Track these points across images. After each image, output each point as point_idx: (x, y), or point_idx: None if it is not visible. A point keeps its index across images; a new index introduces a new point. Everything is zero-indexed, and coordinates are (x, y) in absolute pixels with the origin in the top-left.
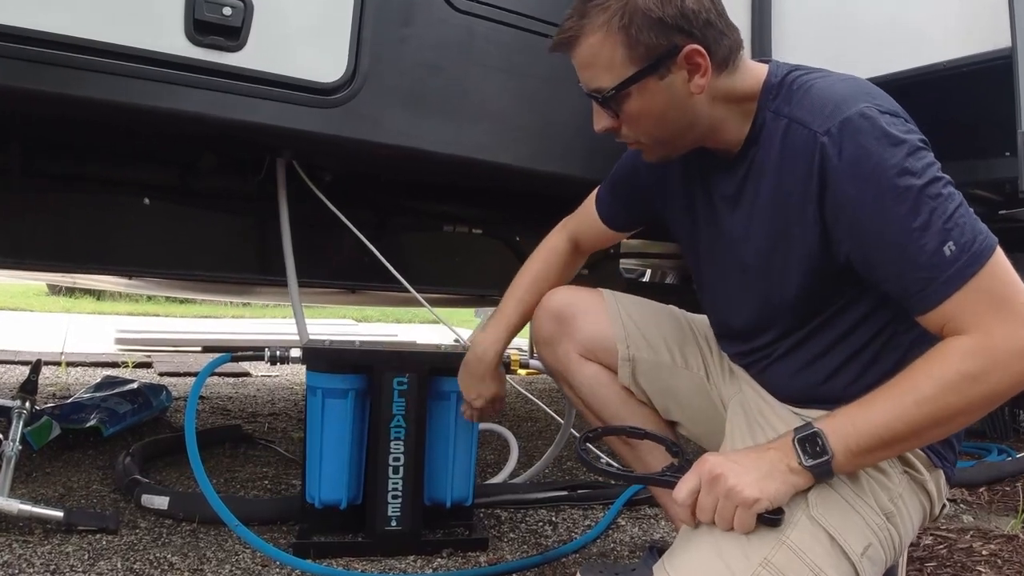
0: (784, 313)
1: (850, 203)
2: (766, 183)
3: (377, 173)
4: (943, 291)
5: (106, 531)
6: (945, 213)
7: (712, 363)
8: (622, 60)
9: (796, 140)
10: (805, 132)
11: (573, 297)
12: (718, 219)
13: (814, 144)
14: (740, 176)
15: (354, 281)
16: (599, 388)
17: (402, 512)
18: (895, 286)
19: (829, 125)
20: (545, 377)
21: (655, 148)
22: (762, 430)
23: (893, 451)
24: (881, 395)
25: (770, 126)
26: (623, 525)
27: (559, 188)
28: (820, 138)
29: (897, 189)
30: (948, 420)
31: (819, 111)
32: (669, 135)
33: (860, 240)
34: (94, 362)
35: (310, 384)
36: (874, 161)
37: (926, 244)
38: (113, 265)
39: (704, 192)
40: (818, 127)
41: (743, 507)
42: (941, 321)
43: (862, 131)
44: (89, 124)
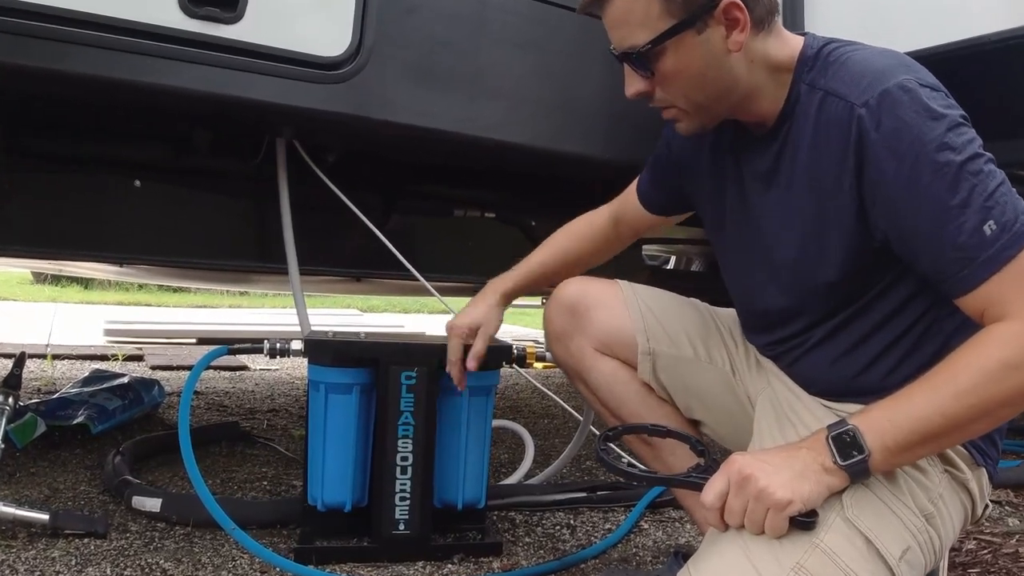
0: (818, 297)
1: (887, 178)
2: (800, 159)
3: (384, 154)
4: (981, 272)
5: (94, 535)
6: (986, 191)
7: (738, 357)
8: (658, 14)
9: (832, 113)
10: (842, 104)
11: (587, 288)
12: (749, 198)
13: (851, 117)
14: (773, 152)
15: (359, 268)
16: (616, 385)
17: (410, 515)
18: (931, 267)
19: (867, 97)
20: (562, 372)
21: (690, 115)
22: (793, 427)
23: (933, 447)
24: (918, 387)
25: (805, 99)
26: (646, 528)
27: (578, 169)
28: (857, 110)
29: (936, 164)
30: (990, 412)
31: (856, 83)
32: (705, 98)
33: (896, 217)
34: (82, 355)
35: (312, 378)
36: (913, 135)
37: (965, 222)
38: (102, 251)
39: (735, 171)
40: (855, 99)
41: (775, 509)
42: (981, 305)
43: (901, 104)
44: (76, 101)
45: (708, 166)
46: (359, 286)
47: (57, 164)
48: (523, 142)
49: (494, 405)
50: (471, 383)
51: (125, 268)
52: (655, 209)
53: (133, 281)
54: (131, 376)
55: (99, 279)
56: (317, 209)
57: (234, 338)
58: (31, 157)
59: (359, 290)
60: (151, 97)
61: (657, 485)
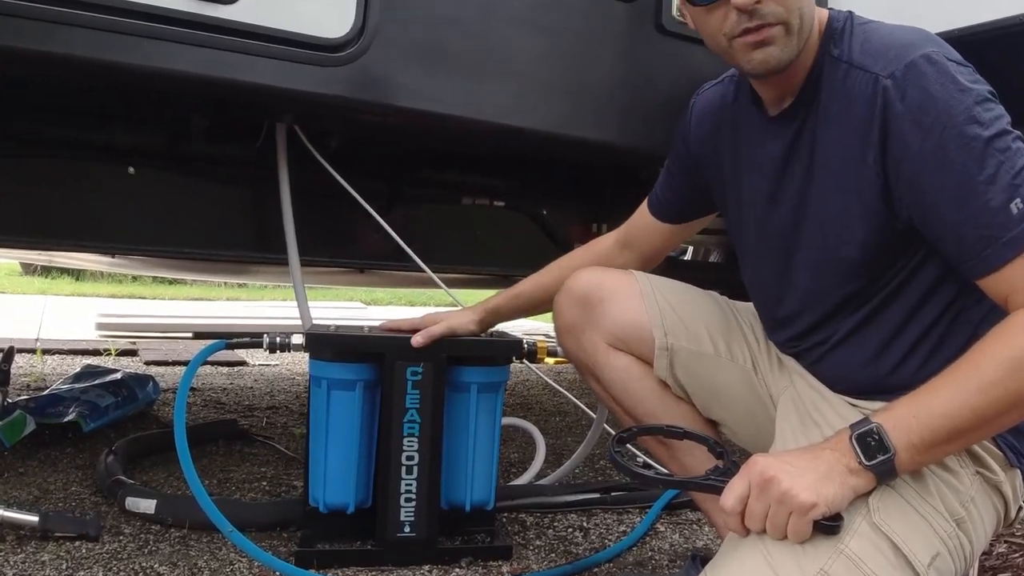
0: (841, 284)
1: (911, 152)
2: (822, 134)
3: (388, 139)
4: (1005, 252)
5: (86, 538)
6: (1013, 168)
7: (759, 354)
8: None
9: (856, 85)
10: (866, 76)
11: (601, 278)
12: (769, 179)
13: (876, 89)
14: (794, 129)
15: (363, 259)
16: (631, 382)
17: (416, 517)
18: (954, 246)
19: (893, 69)
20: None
21: (789, 36)
22: (817, 427)
23: (961, 443)
24: (942, 381)
25: (829, 72)
26: (662, 531)
27: (592, 156)
28: (883, 81)
29: (963, 138)
30: (1018, 404)
31: (882, 55)
32: (805, 20)
33: (920, 193)
34: (73, 349)
35: (314, 374)
36: (939, 108)
37: (991, 199)
38: (94, 241)
39: (755, 151)
40: (881, 70)
41: (798, 513)
42: (1005, 289)
43: (928, 76)
44: (66, 84)
45: (728, 153)
46: (363, 278)
47: (47, 150)
48: (534, 127)
49: (503, 402)
50: (480, 379)
51: (118, 259)
52: (672, 217)
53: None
54: (124, 372)
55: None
56: (319, 197)
57: (232, 332)
58: (19, 142)
59: (363, 282)
60: (145, 80)
61: (673, 488)
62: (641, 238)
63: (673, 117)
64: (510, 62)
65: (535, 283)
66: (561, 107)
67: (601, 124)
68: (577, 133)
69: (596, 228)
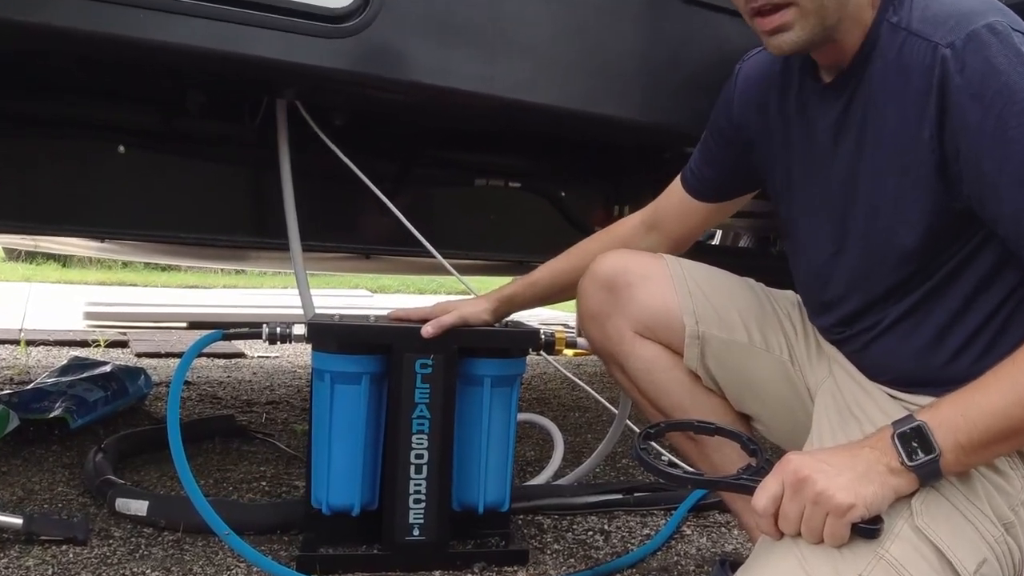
0: (893, 266)
1: (970, 127)
2: (876, 106)
3: (396, 116)
4: None
5: (73, 541)
6: None
7: (797, 344)
8: None
9: (914, 55)
10: (924, 45)
11: (628, 262)
12: (819, 154)
13: (934, 58)
14: (846, 99)
15: (368, 244)
16: (659, 373)
17: (426, 519)
18: (1012, 228)
19: (953, 38)
20: (595, 359)
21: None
22: (857, 423)
23: (1012, 444)
24: (994, 377)
25: (886, 40)
26: (689, 534)
27: (613, 134)
28: (941, 51)
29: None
30: None
31: (942, 23)
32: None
33: (978, 172)
34: (59, 341)
35: (316, 367)
36: (1002, 80)
37: None
38: (82, 225)
39: (804, 123)
40: (940, 39)
41: (835, 515)
42: None
43: (990, 46)
44: (51, 57)
45: (775, 123)
46: (369, 264)
47: (31, 127)
48: (551, 103)
49: (519, 397)
50: (494, 372)
51: (108, 244)
52: (710, 195)
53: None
54: (114, 364)
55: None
56: (322, 178)
57: (229, 322)
58: (1, 119)
59: (369, 268)
60: (136, 53)
61: (702, 488)
62: (671, 219)
63: (700, 92)
64: (525, 33)
65: (552, 270)
66: (580, 82)
67: (622, 100)
68: (597, 110)
69: (618, 211)
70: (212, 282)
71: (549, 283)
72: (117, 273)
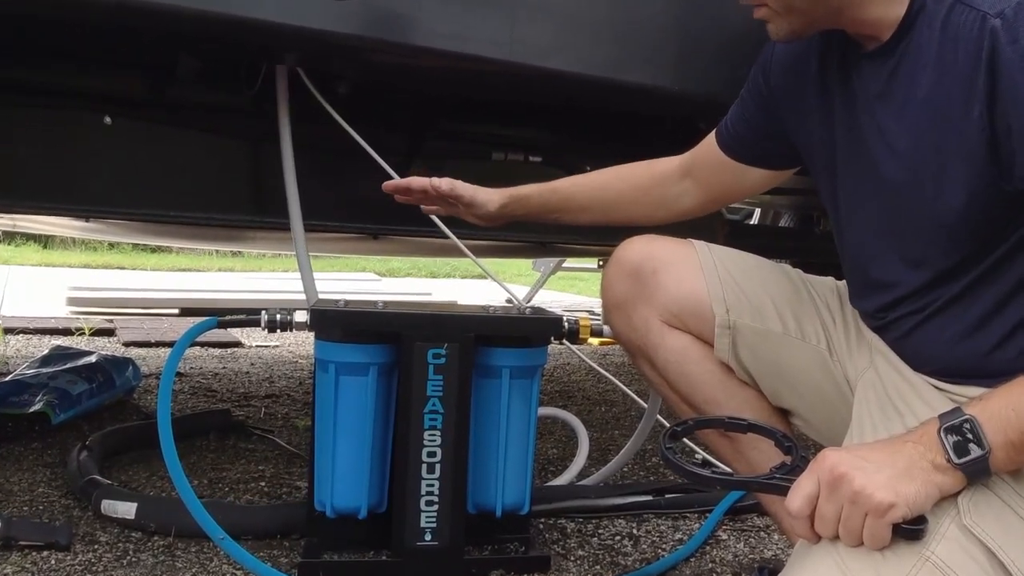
0: (939, 247)
1: (1022, 102)
2: (922, 79)
3: (406, 85)
4: None
5: (55, 547)
6: None
7: (835, 333)
8: None
9: (961, 25)
10: (972, 15)
11: (654, 247)
12: (860, 128)
13: (983, 29)
14: (889, 71)
15: (377, 224)
16: (688, 365)
17: (439, 523)
18: None
19: (1003, 7)
20: (622, 349)
21: (780, 16)
22: (899, 416)
23: None
24: None
25: (931, 8)
26: (725, 539)
27: (643, 104)
28: (991, 21)
29: None
30: None
31: None
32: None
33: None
34: (40, 328)
35: (320, 357)
36: None
37: None
38: (64, 202)
39: (845, 95)
40: (988, 8)
41: (875, 515)
42: None
43: None
44: (32, 20)
45: (815, 92)
46: (377, 245)
47: (7, 95)
48: (577, 70)
49: (540, 389)
50: (513, 362)
51: (92, 223)
52: (743, 154)
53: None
54: (100, 354)
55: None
56: (326, 152)
57: (225, 308)
58: None
59: (377, 250)
60: (124, 15)
61: (732, 489)
62: (705, 170)
63: (738, 57)
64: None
65: (576, 183)
66: (605, 47)
67: (652, 67)
68: (624, 77)
69: None
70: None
71: (567, 195)
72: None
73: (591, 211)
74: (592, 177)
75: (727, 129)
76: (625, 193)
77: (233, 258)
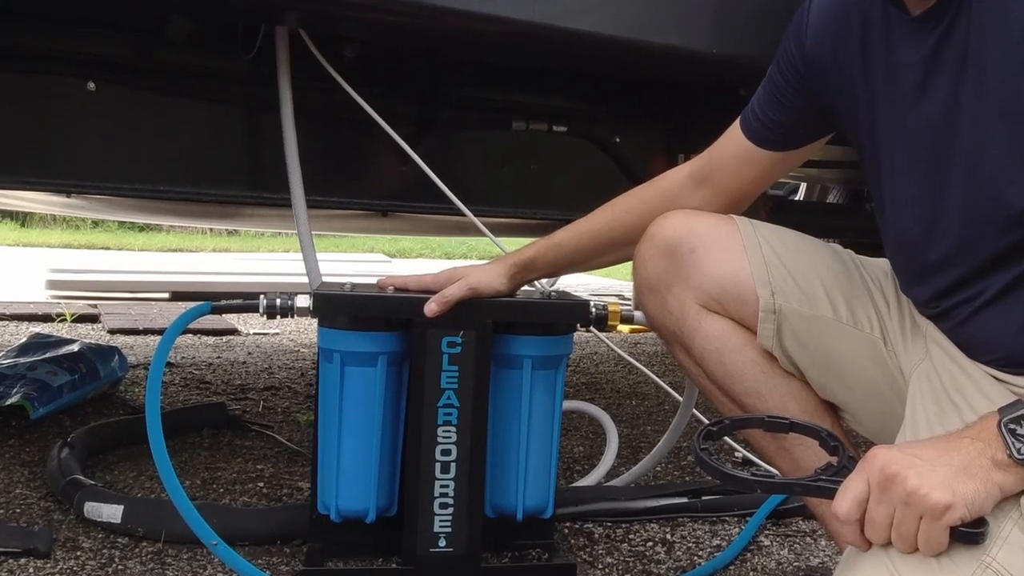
0: (1000, 230)
1: None
2: (980, 41)
3: (419, 47)
4: None
5: (34, 554)
6: None
7: (890, 321)
8: None
9: None
10: None
11: (693, 223)
12: (908, 96)
13: None
14: (941, 32)
15: (386, 200)
16: (728, 353)
17: (454, 527)
18: None
19: None
20: (655, 336)
21: None
22: (957, 411)
23: None
24: None
25: None
26: (767, 545)
27: (677, 69)
28: None
29: None
30: None
31: None
32: None
33: None
34: (17, 314)
35: (324, 346)
36: None
37: None
38: (43, 177)
39: (891, 58)
40: None
41: (930, 518)
42: None
43: None
44: None
45: (857, 59)
46: (386, 223)
47: None
48: (605, 32)
49: (565, 381)
50: (535, 352)
51: (75, 199)
52: (775, 141)
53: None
54: (83, 342)
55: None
56: (330, 121)
57: (219, 292)
58: None
59: (386, 228)
60: None
61: (773, 492)
62: (727, 170)
63: (783, 16)
64: None
65: (579, 230)
66: (637, 7)
67: (689, 28)
68: (658, 39)
69: (683, 160)
70: (199, 245)
71: (575, 246)
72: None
73: (605, 254)
74: (595, 219)
75: (755, 117)
76: (637, 223)
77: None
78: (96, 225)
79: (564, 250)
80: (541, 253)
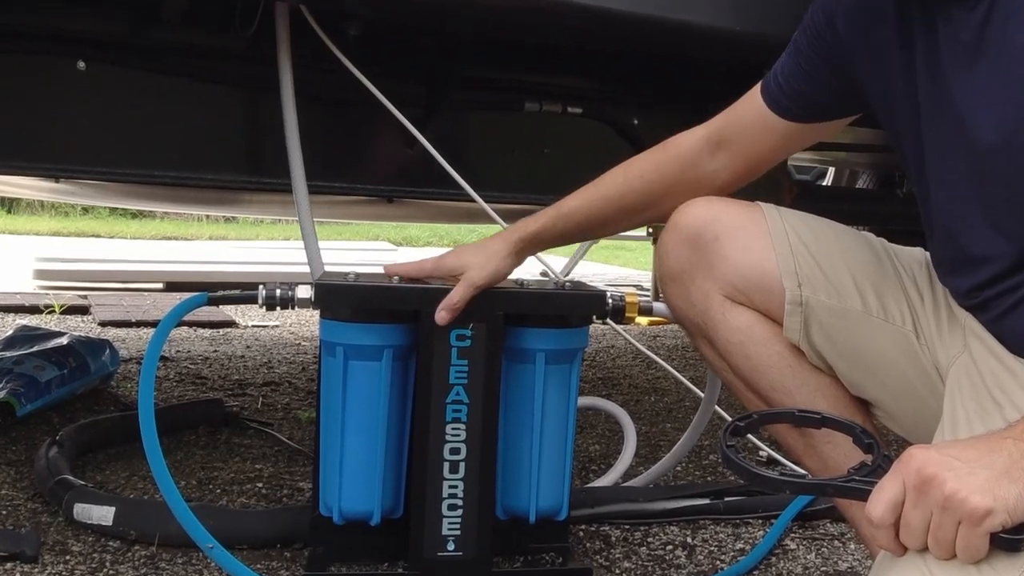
0: None
1: None
2: (1017, 23)
3: (427, 25)
4: None
5: (20, 558)
6: None
7: (924, 314)
8: None
9: None
10: None
11: (717, 211)
12: (948, 79)
13: None
14: (981, 17)
15: (391, 186)
16: (753, 347)
17: (463, 530)
18: None
19: None
20: (675, 329)
21: None
22: (999, 409)
23: None
24: None
25: None
26: (793, 549)
27: (701, 47)
28: None
29: None
30: None
31: None
32: None
33: None
34: (3, 305)
35: (326, 339)
36: None
37: None
38: (30, 161)
39: (929, 42)
40: None
41: (969, 523)
42: None
43: None
44: None
45: (894, 37)
46: (391, 210)
47: None
48: (623, 8)
49: (580, 376)
50: (549, 345)
51: (64, 184)
52: (797, 112)
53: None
54: (72, 335)
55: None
56: (333, 103)
57: (216, 283)
58: None
59: (391, 215)
60: None
61: (803, 493)
62: (745, 135)
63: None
64: None
65: (591, 198)
66: None
67: (715, 5)
68: (678, 15)
69: None
70: (195, 233)
71: (585, 215)
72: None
73: (617, 222)
74: (605, 185)
75: (778, 85)
76: (652, 190)
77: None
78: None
79: (574, 220)
80: (549, 225)
